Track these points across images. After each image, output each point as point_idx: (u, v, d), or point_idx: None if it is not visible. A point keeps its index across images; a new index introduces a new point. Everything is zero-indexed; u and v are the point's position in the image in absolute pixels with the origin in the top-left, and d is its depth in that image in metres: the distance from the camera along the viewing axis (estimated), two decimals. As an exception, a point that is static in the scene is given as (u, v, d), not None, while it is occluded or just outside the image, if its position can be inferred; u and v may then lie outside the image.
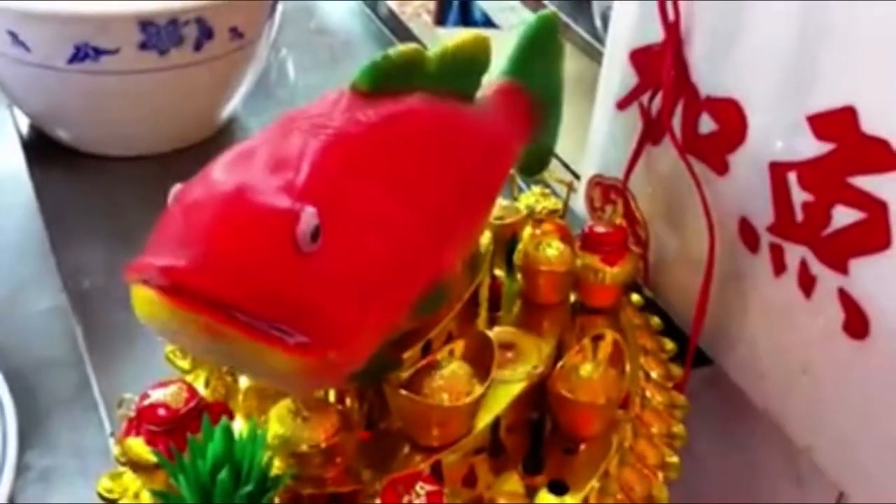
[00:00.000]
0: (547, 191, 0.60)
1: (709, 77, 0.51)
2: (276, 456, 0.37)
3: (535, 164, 0.55)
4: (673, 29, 0.52)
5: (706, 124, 0.52)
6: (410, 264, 0.37)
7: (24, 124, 0.78)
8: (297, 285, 0.32)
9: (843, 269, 0.45)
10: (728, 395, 0.55)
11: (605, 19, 0.97)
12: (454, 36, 0.43)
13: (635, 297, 0.58)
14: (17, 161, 0.73)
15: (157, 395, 0.40)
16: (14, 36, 0.63)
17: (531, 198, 0.58)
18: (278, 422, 0.38)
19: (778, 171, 0.48)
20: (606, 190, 0.62)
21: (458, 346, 0.42)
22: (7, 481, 0.45)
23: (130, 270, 0.31)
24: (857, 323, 0.45)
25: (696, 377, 0.55)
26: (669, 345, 0.54)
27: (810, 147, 0.45)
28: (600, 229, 0.53)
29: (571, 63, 0.58)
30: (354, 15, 1.03)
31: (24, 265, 0.67)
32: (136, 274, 0.31)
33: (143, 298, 0.30)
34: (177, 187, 0.34)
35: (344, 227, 0.34)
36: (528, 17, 1.53)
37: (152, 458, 0.39)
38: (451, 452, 0.40)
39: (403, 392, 0.39)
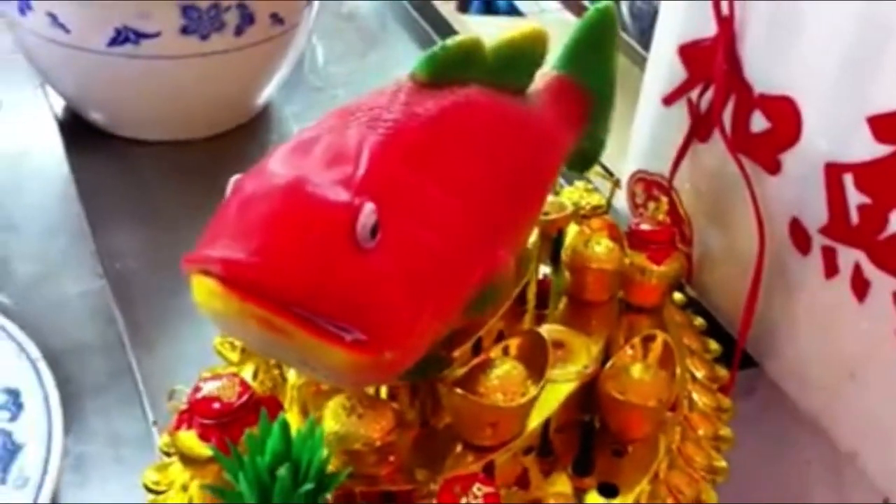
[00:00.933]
0: (590, 186, 0.59)
1: (763, 74, 0.50)
2: (331, 453, 0.37)
3: (585, 160, 0.54)
4: (726, 23, 0.51)
5: (758, 122, 0.51)
6: (465, 261, 0.36)
7: (59, 105, 0.77)
8: (356, 282, 0.31)
9: (899, 274, 0.45)
10: (771, 398, 0.55)
11: (633, 11, 0.96)
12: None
13: (677, 296, 0.57)
14: (53, 143, 0.73)
15: (209, 388, 0.40)
16: (53, 17, 0.62)
17: (575, 193, 0.57)
18: (333, 418, 0.37)
19: (833, 171, 0.47)
20: (649, 186, 0.61)
21: (512, 344, 0.41)
22: (53, 470, 0.45)
23: (190, 260, 0.31)
24: (912, 329, 0.45)
25: (739, 379, 0.54)
26: (714, 345, 0.54)
27: (869, 148, 0.45)
28: (647, 227, 0.52)
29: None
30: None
31: (60, 248, 0.66)
32: (196, 264, 0.30)
33: (204, 288, 0.30)
34: (235, 178, 0.34)
35: (401, 222, 0.33)
36: (549, 6, 1.52)
37: (205, 452, 0.38)
38: (503, 453, 0.40)
39: (458, 391, 0.38)
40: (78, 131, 0.75)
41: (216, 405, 0.39)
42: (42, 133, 0.75)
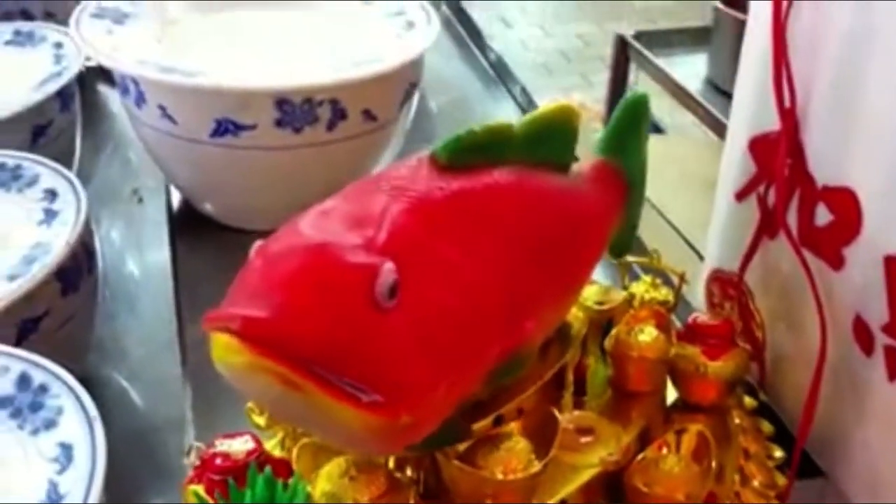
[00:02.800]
0: (658, 281, 0.58)
1: (825, 166, 0.49)
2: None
3: (620, 247, 0.53)
4: (789, 115, 0.50)
5: (823, 215, 0.49)
6: (488, 329, 0.36)
7: (177, 198, 0.83)
8: (374, 341, 0.32)
9: (958, 375, 0.41)
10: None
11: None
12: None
13: (748, 400, 0.54)
14: (161, 233, 0.78)
15: (223, 445, 0.41)
16: (163, 109, 0.67)
17: (641, 287, 0.56)
18: (327, 479, 0.38)
19: (892, 265, 0.44)
20: (725, 285, 0.59)
21: (522, 421, 0.40)
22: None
23: (210, 319, 0.31)
24: (974, 435, 0.41)
25: (806, 490, 0.51)
26: (778, 452, 0.50)
27: (925, 240, 0.42)
28: (704, 320, 0.50)
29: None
30: (510, 116, 1.05)
31: (168, 333, 0.69)
32: (216, 322, 0.31)
33: (223, 346, 0.31)
34: (258, 243, 0.35)
35: (422, 285, 0.33)
36: (691, 119, 1.51)
37: (206, 506, 0.39)
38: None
39: (456, 462, 0.37)
40: (191, 222, 0.80)
41: (220, 461, 0.40)
42: (154, 224, 0.80)
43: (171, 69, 0.66)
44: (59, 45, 0.81)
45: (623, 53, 1.94)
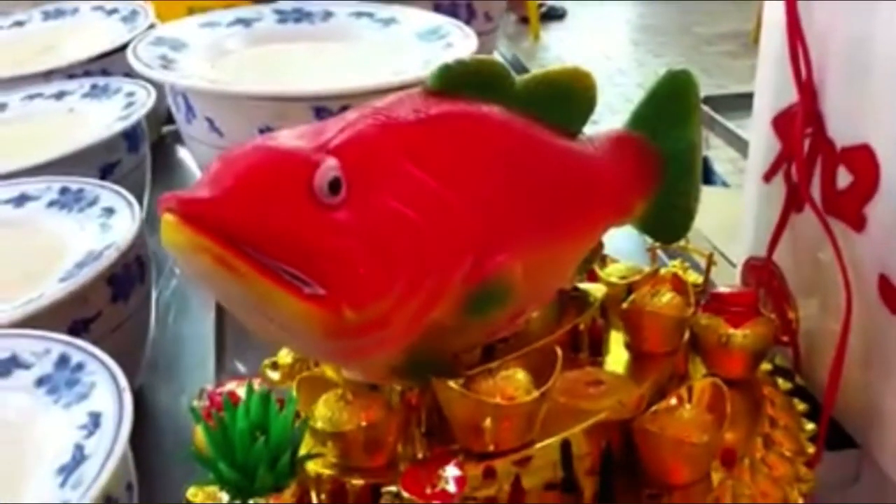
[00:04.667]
0: (687, 265, 0.57)
1: (844, 128, 0.48)
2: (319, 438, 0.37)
3: (671, 230, 0.52)
4: (806, 86, 0.50)
5: (843, 178, 0.48)
6: (451, 249, 0.36)
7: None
8: (316, 234, 0.32)
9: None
10: (881, 486, 0.48)
11: None
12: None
13: (782, 382, 0.53)
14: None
15: (230, 386, 0.42)
16: (211, 122, 0.70)
17: (671, 271, 0.55)
18: (324, 405, 0.38)
19: (911, 214, 0.43)
20: (758, 271, 0.58)
21: (523, 359, 0.40)
22: (104, 478, 0.47)
23: (160, 201, 0.33)
24: None
25: (842, 461, 0.49)
26: (810, 425, 0.49)
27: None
28: (727, 290, 0.50)
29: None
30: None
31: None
32: (164, 204, 0.32)
33: (166, 225, 0.32)
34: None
35: (375, 190, 0.34)
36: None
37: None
38: (509, 466, 0.38)
39: (454, 386, 0.37)
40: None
41: (224, 397, 0.40)
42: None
43: (214, 81, 0.69)
44: (131, 94, 0.85)
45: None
